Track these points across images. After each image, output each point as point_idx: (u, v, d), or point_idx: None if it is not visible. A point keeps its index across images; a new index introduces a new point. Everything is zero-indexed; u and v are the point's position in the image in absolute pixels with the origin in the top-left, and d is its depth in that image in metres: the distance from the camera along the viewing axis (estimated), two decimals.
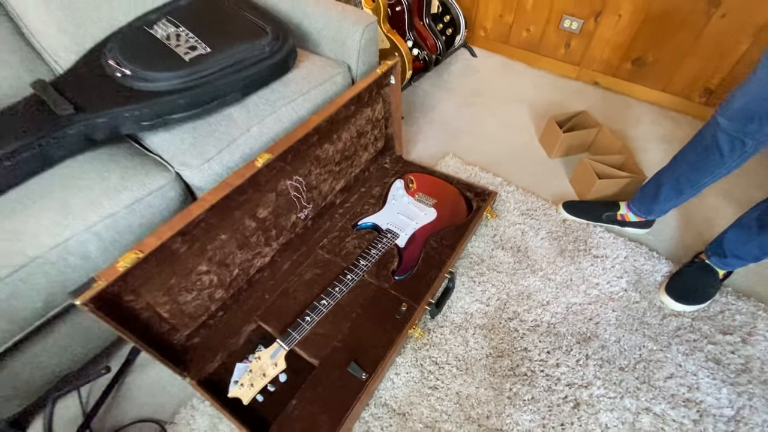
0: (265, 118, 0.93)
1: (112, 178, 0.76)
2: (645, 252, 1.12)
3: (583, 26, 1.67)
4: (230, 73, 0.87)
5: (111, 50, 0.83)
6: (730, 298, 1.03)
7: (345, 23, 1.06)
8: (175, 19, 0.90)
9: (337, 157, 1.04)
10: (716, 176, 0.93)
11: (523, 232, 1.18)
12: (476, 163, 1.42)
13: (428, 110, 1.68)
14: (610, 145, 1.36)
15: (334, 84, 1.05)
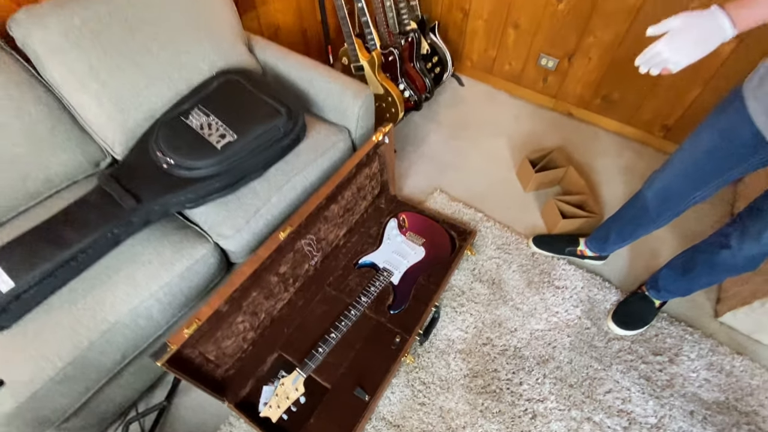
0: (282, 188, 1.12)
1: (166, 253, 0.95)
2: (599, 282, 1.35)
3: (558, 65, 1.85)
4: (254, 155, 1.05)
5: (157, 142, 1.00)
6: (663, 323, 1.26)
7: (346, 95, 1.24)
8: (206, 107, 1.07)
9: (342, 212, 1.24)
10: (650, 230, 1.15)
11: (498, 265, 1.40)
12: (461, 198, 1.62)
13: (419, 143, 1.86)
14: (575, 183, 1.57)
15: (337, 150, 1.24)
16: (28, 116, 0.96)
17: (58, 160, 1.02)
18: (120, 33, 1.04)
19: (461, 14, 1.98)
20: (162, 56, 1.11)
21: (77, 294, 0.87)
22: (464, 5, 1.94)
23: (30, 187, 0.99)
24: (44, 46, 0.97)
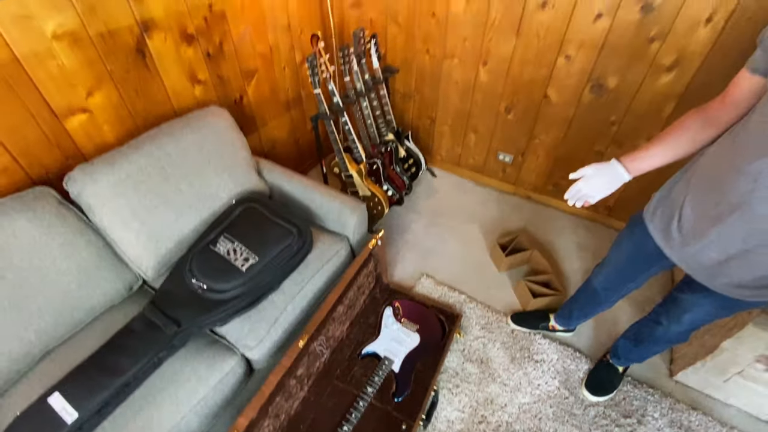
0: (295, 297, 1.30)
1: (201, 369, 1.09)
2: (571, 353, 1.56)
3: (513, 159, 2.21)
4: (272, 272, 1.25)
5: (191, 270, 1.19)
6: (629, 387, 1.46)
7: (344, 211, 1.48)
8: (230, 235, 1.28)
9: (345, 309, 1.43)
10: (604, 309, 1.39)
11: (483, 344, 1.59)
12: (445, 282, 1.84)
13: (403, 231, 2.11)
14: (540, 263, 1.83)
15: (340, 257, 1.45)
16: (81, 258, 1.13)
17: (101, 290, 1.18)
18: (157, 179, 1.27)
19: (429, 121, 2.36)
20: (189, 193, 1.33)
21: (127, 418, 0.98)
22: (431, 114, 2.32)
23: (76, 316, 1.14)
24: (95, 197, 1.17)
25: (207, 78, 1.61)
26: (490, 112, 2.11)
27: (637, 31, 1.53)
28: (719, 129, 0.88)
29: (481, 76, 2.00)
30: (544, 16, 1.67)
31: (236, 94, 1.79)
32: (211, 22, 1.55)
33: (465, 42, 1.93)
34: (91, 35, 1.20)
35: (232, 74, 1.72)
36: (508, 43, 1.82)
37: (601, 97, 1.76)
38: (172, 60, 1.46)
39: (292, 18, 1.92)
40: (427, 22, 1.96)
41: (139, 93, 1.38)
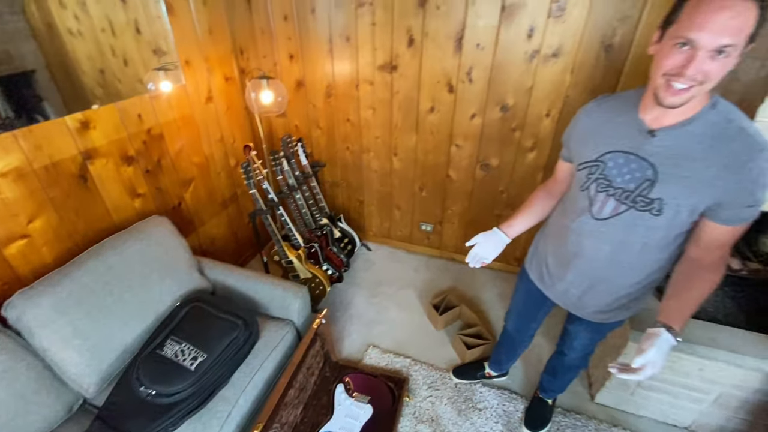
0: (245, 388, 1.35)
1: None
2: (508, 396, 1.73)
3: (434, 228, 2.54)
4: (222, 366, 1.31)
5: (139, 378, 1.21)
6: (560, 417, 1.65)
7: (287, 296, 1.61)
8: (177, 336, 1.33)
9: (297, 393, 1.49)
10: (524, 348, 1.62)
11: (432, 403, 1.71)
12: (390, 349, 1.97)
13: (347, 307, 2.25)
14: (470, 317, 2.06)
15: (286, 341, 1.55)
16: (19, 385, 1.11)
17: (40, 416, 1.14)
18: (100, 293, 1.32)
19: (358, 203, 2.66)
20: (133, 302, 1.39)
21: None
22: (359, 197, 2.62)
23: None
24: (35, 320, 1.19)
25: (146, 191, 1.75)
26: (407, 192, 2.46)
27: (502, 124, 2.02)
28: (557, 198, 1.23)
29: (394, 164, 2.38)
30: (434, 117, 2.12)
31: (175, 201, 1.93)
32: (150, 143, 1.74)
33: (377, 139, 2.32)
34: (35, 169, 1.32)
35: (170, 184, 1.88)
36: (411, 139, 2.24)
37: (489, 173, 2.19)
38: (113, 180, 1.59)
39: (224, 131, 2.18)
40: (344, 126, 2.34)
41: (79, 213, 1.47)
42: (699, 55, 0.74)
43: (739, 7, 0.70)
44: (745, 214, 0.86)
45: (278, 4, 2.06)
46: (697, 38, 0.73)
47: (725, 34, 0.71)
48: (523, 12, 1.72)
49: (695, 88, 0.77)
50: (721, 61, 0.74)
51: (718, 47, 0.72)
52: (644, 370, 0.88)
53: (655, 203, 0.91)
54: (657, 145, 0.89)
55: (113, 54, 2.04)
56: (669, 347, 0.89)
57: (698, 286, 0.93)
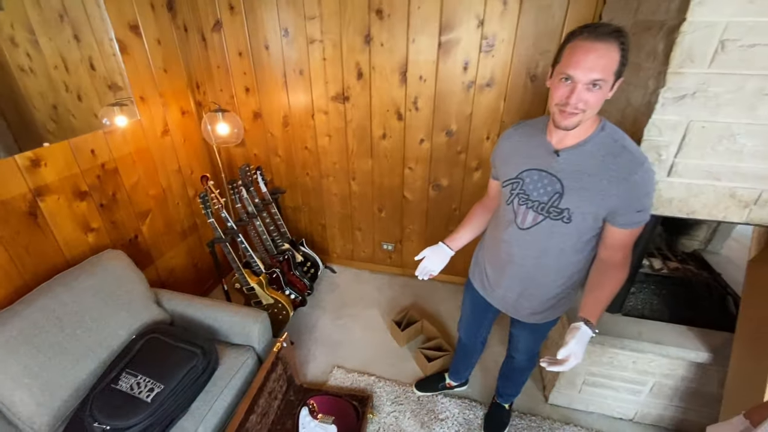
0: (205, 417, 1.35)
1: None
2: (468, 404, 1.80)
3: (395, 247, 2.64)
4: (179, 396, 1.31)
5: (92, 414, 1.19)
6: (517, 420, 1.74)
7: (247, 322, 1.64)
8: (133, 370, 1.33)
9: (259, 418, 1.49)
10: (478, 355, 1.71)
11: (396, 418, 1.75)
12: (355, 368, 2.01)
13: (311, 330, 2.27)
14: (431, 330, 2.14)
15: (247, 367, 1.56)
16: None
17: None
18: (52, 330, 1.30)
19: (320, 227, 2.72)
20: (86, 337, 1.38)
21: None
22: (321, 221, 2.69)
23: None
24: None
25: (100, 225, 1.75)
26: (367, 213, 2.56)
27: (448, 148, 2.18)
28: (491, 212, 1.36)
29: (353, 188, 2.48)
30: (386, 143, 2.26)
31: (131, 234, 1.93)
32: (104, 178, 1.75)
33: (335, 165, 2.42)
34: None
35: (126, 218, 1.88)
36: (367, 163, 2.36)
37: (441, 193, 2.33)
38: (65, 216, 1.59)
39: (182, 162, 2.22)
40: (303, 153, 2.43)
41: (29, 251, 1.46)
42: (578, 87, 0.90)
43: (603, 50, 0.87)
44: (637, 218, 1.01)
45: (233, 42, 2.16)
46: (574, 74, 0.89)
47: (595, 71, 0.88)
48: (458, 48, 1.91)
49: (580, 114, 0.93)
50: (596, 93, 0.90)
51: (591, 81, 0.89)
52: (568, 360, 0.99)
53: (564, 212, 1.05)
54: (561, 163, 1.04)
55: (67, 90, 2.06)
56: (587, 338, 1.01)
57: (608, 283, 1.07)
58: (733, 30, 1.00)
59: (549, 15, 1.74)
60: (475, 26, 1.84)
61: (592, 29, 0.88)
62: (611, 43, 0.86)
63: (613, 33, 0.86)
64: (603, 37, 0.86)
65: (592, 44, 0.87)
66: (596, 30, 0.87)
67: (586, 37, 0.88)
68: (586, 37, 0.88)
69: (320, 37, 2.05)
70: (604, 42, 0.86)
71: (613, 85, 0.91)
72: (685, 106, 1.11)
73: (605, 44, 0.87)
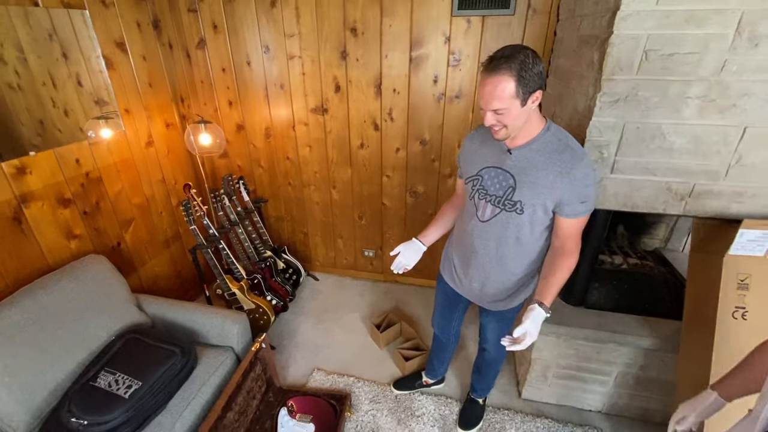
0: (182, 413, 1.39)
1: None
2: (444, 401, 1.86)
3: (376, 253, 2.71)
4: (157, 393, 1.35)
5: (70, 410, 1.23)
6: (491, 414, 1.80)
7: (226, 323, 1.68)
8: (111, 368, 1.36)
9: (237, 416, 1.53)
10: (450, 350, 1.78)
11: (373, 416, 1.79)
12: (335, 371, 2.05)
13: (293, 335, 2.31)
14: (409, 332, 2.20)
15: (225, 366, 1.60)
16: None
17: None
18: (32, 330, 1.34)
19: (303, 235, 2.79)
20: (66, 338, 1.41)
21: None
22: (303, 229, 2.77)
23: None
24: None
25: (83, 232, 1.80)
26: (348, 221, 2.64)
27: (423, 156, 2.29)
28: (459, 209, 1.46)
29: (334, 196, 2.57)
30: (364, 152, 2.36)
31: (114, 242, 1.97)
32: (88, 186, 1.81)
33: (316, 174, 2.52)
34: None
35: (109, 225, 1.94)
36: (346, 172, 2.46)
37: (418, 199, 2.44)
38: (48, 222, 1.64)
39: (166, 173, 2.29)
40: (285, 163, 2.52)
41: (12, 255, 1.50)
42: (487, 114, 1.06)
43: (495, 83, 1.00)
44: (582, 208, 1.12)
45: (216, 58, 2.27)
46: (482, 106, 1.06)
47: (492, 102, 1.02)
48: (428, 63, 2.05)
49: (503, 129, 1.08)
50: (504, 115, 1.04)
51: (491, 109, 1.03)
52: (525, 339, 1.07)
53: (517, 204, 1.16)
54: (513, 160, 1.15)
55: (54, 105, 2.13)
56: (541, 318, 1.10)
57: (559, 268, 1.16)
58: (654, 41, 1.14)
59: (509, 32, 1.89)
60: (443, 42, 1.98)
61: (486, 64, 1.01)
62: (502, 74, 0.99)
63: (503, 63, 0.98)
64: (494, 71, 0.98)
65: (486, 79, 1.02)
66: (489, 65, 1.00)
67: (482, 71, 1.02)
68: (483, 72, 1.02)
69: (299, 53, 2.17)
70: (495, 75, 0.98)
71: (524, 101, 1.03)
72: (619, 109, 1.24)
73: (496, 77, 1.00)
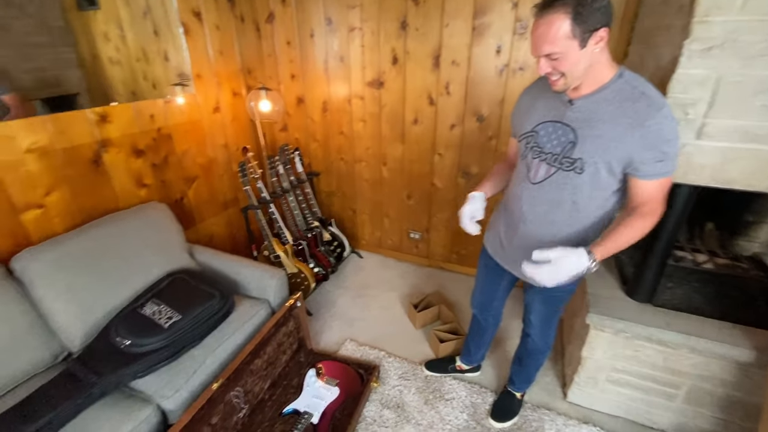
0: (215, 350, 1.45)
1: (116, 417, 1.17)
2: (477, 389, 1.73)
3: (422, 236, 2.63)
4: (194, 328, 1.42)
5: (117, 329, 1.34)
6: (528, 411, 1.63)
7: (265, 276, 1.73)
8: (158, 299, 1.47)
9: (265, 365, 1.56)
10: (489, 335, 1.65)
11: (400, 391, 1.72)
12: (367, 343, 2.02)
13: (330, 306, 2.33)
14: (447, 315, 2.10)
15: (259, 317, 1.65)
16: (14, 325, 1.26)
17: (26, 358, 1.27)
18: (96, 257, 1.49)
19: (351, 212, 2.80)
20: (125, 269, 1.55)
21: None
22: (352, 206, 2.78)
23: None
24: (36, 272, 1.36)
25: (152, 182, 1.97)
26: (396, 200, 2.60)
27: (479, 133, 2.17)
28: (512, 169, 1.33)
29: (384, 174, 2.54)
30: (418, 129, 2.30)
31: (177, 195, 2.14)
32: (159, 141, 1.98)
33: (368, 150, 2.51)
34: (57, 149, 1.55)
35: (174, 180, 2.10)
36: (398, 149, 2.41)
37: (470, 181, 2.31)
38: (122, 169, 1.82)
39: (229, 139, 2.43)
40: (338, 138, 2.55)
41: (89, 193, 1.69)
42: (540, 61, 0.97)
43: (545, 26, 0.90)
44: (659, 168, 0.96)
45: (282, 31, 2.37)
46: (533, 53, 0.97)
47: (543, 47, 0.93)
48: (491, 31, 1.93)
49: (561, 78, 0.97)
50: (560, 61, 0.93)
51: (542, 54, 0.94)
52: (542, 269, 0.97)
53: (577, 162, 1.02)
54: (575, 111, 1.02)
55: (144, 78, 2.38)
56: (579, 259, 0.96)
57: (629, 226, 1.01)
58: None
59: None
60: (510, 8, 1.85)
61: (536, 5, 0.92)
62: (555, 12, 0.88)
63: (555, 2, 0.88)
64: (545, 10, 0.90)
65: (537, 21, 0.93)
66: (538, 5, 0.91)
67: (533, 14, 0.93)
68: (533, 15, 0.93)
69: (360, 24, 2.18)
70: (547, 14, 0.89)
71: (583, 43, 0.90)
72: (713, 59, 1.03)
73: (548, 16, 0.89)
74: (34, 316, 1.33)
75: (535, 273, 0.98)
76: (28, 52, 2.21)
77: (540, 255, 0.97)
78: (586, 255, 0.96)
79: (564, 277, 0.97)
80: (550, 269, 0.96)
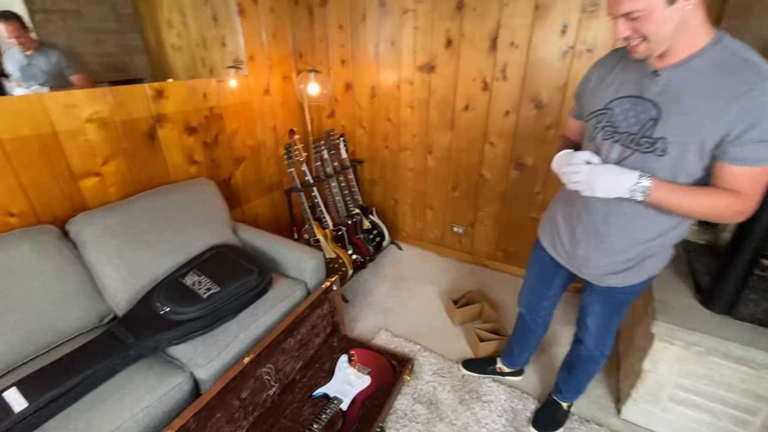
0: (249, 326, 1.44)
1: (151, 380, 1.19)
2: (518, 394, 1.59)
3: (466, 231, 2.51)
4: (231, 301, 1.42)
5: (158, 296, 1.37)
6: (575, 424, 1.48)
7: (303, 258, 1.71)
8: (199, 270, 1.49)
9: (297, 345, 1.54)
10: (536, 338, 1.51)
11: (434, 388, 1.63)
12: (402, 335, 1.94)
13: (367, 294, 2.28)
14: (490, 314, 1.97)
15: (295, 297, 1.63)
16: (66, 283, 1.33)
17: (75, 316, 1.34)
18: (145, 226, 1.54)
19: (393, 202, 2.74)
20: (171, 239, 1.59)
21: (72, 417, 1.06)
22: (394, 196, 2.71)
23: (48, 338, 1.27)
24: (89, 236, 1.42)
25: (202, 160, 2.02)
26: (440, 191, 2.49)
27: (536, 121, 2.01)
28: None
29: (429, 163, 2.45)
30: (468, 115, 2.18)
31: (226, 175, 2.18)
32: (211, 119, 2.03)
33: (414, 138, 2.42)
34: (116, 121, 1.62)
35: (223, 159, 2.15)
36: (445, 137, 2.31)
37: (524, 173, 2.15)
38: (175, 145, 1.87)
39: (278, 122, 2.45)
40: (385, 125, 2.49)
41: (144, 166, 1.75)
42: (617, 21, 0.84)
43: None
44: (757, 151, 0.80)
45: (334, 15, 2.34)
46: (609, 12, 0.85)
47: (622, 3, 0.80)
48: (557, 9, 1.76)
49: (643, 43, 0.84)
50: (641, 21, 0.80)
51: (621, 14, 0.81)
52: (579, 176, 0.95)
53: (658, 143, 0.88)
54: (660, 84, 0.88)
55: (203, 64, 2.45)
56: (625, 177, 0.90)
57: (710, 193, 0.87)
58: None
59: None
60: None
61: None
62: None
63: None
64: None
65: None
66: None
67: None
68: None
69: (414, 6, 2.09)
70: None
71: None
72: None
73: None
74: (84, 277, 1.39)
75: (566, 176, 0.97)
76: (98, 37, 2.35)
77: (580, 157, 0.97)
78: (636, 175, 0.89)
79: (600, 185, 0.92)
80: (590, 170, 0.93)
